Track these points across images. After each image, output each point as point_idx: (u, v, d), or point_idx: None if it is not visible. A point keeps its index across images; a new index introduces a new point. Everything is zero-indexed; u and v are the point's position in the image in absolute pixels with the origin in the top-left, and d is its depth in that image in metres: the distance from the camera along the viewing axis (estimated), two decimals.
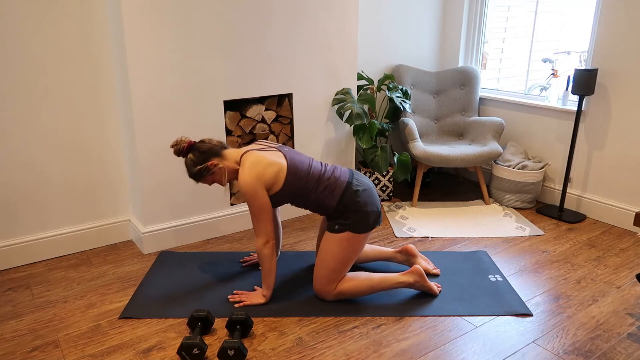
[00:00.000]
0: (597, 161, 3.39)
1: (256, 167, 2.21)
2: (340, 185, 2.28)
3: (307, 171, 2.29)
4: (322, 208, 2.32)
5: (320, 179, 2.29)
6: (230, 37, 2.88)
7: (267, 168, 2.22)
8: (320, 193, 2.28)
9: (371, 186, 2.36)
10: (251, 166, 2.21)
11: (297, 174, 2.26)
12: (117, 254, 2.93)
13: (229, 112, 3.03)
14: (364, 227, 2.28)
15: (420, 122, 3.93)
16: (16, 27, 2.52)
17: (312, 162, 2.36)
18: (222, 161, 2.31)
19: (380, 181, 3.70)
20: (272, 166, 2.23)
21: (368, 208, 2.27)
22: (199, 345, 1.95)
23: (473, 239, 3.12)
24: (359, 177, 2.36)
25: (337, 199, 2.27)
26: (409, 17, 4.02)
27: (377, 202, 2.33)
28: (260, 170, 2.21)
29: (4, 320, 2.28)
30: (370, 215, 2.28)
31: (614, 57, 3.18)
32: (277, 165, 2.24)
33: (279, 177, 2.23)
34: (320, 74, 3.30)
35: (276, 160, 2.26)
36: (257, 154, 2.26)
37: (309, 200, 2.31)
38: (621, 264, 2.81)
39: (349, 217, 2.27)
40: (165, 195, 2.90)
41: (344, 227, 2.27)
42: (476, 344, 2.11)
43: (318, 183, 2.28)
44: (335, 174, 2.32)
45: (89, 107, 2.81)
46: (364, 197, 2.28)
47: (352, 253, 2.31)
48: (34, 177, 2.74)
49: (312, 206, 2.33)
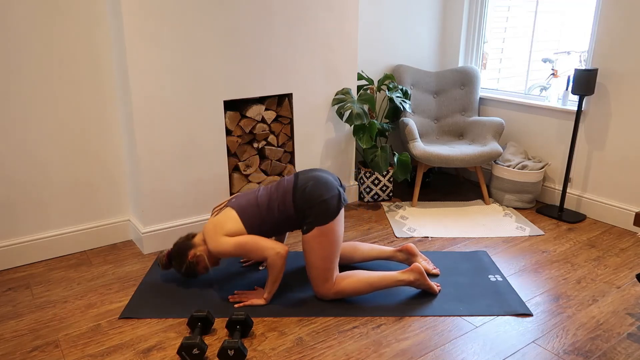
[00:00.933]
0: (597, 161, 3.39)
1: (216, 233, 2.33)
2: (288, 192, 2.34)
3: (255, 204, 2.37)
4: (289, 223, 2.37)
5: (269, 202, 2.36)
6: (230, 37, 2.88)
7: (223, 227, 2.33)
8: (278, 212, 2.34)
9: (320, 176, 2.37)
10: (212, 236, 2.34)
11: (248, 212, 2.35)
12: (117, 254, 2.93)
13: (229, 112, 3.03)
14: (328, 216, 2.29)
15: (420, 122, 3.93)
16: (16, 27, 2.52)
17: (259, 192, 2.44)
18: (196, 249, 2.44)
19: (380, 181, 3.70)
20: (225, 223, 2.34)
21: (323, 197, 2.29)
22: (199, 345, 1.95)
23: (473, 239, 3.13)
24: (303, 175, 2.39)
25: (291, 205, 2.33)
26: (409, 17, 4.02)
27: (330, 187, 2.33)
28: (220, 232, 2.33)
29: (4, 320, 2.28)
30: (329, 202, 2.29)
31: (614, 57, 3.18)
32: (230, 219, 2.35)
33: (238, 225, 2.34)
34: (320, 74, 3.30)
35: (227, 214, 2.37)
36: (209, 225, 2.38)
37: (277, 224, 2.37)
38: (621, 264, 2.81)
39: (310, 213, 2.30)
40: (165, 195, 2.90)
41: (310, 225, 2.30)
42: (476, 344, 2.11)
43: (270, 206, 2.35)
44: (280, 187, 2.39)
45: (89, 107, 2.81)
46: (314, 189, 2.30)
47: (331, 245, 2.31)
48: (34, 177, 2.74)
49: (283, 227, 2.39)
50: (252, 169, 3.21)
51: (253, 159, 3.20)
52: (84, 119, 2.81)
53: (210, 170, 3.02)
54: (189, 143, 2.90)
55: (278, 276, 2.33)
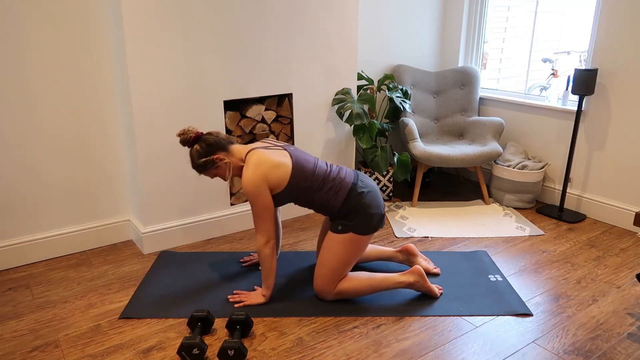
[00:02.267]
0: (597, 161, 3.39)
1: (260, 166, 2.20)
2: (345, 186, 2.28)
3: (312, 171, 2.29)
4: (326, 208, 2.32)
5: (325, 179, 2.29)
6: (230, 37, 2.88)
7: (271, 168, 2.21)
8: (325, 193, 2.28)
9: (375, 188, 2.36)
10: (255, 165, 2.20)
11: (302, 173, 2.26)
12: (117, 254, 2.93)
13: (229, 112, 3.03)
14: (367, 229, 2.29)
15: (420, 122, 3.93)
16: (16, 28, 2.52)
17: (318, 162, 2.36)
18: (228, 156, 2.30)
19: (380, 181, 3.70)
20: (276, 166, 2.22)
21: (372, 210, 2.27)
22: (199, 345, 1.95)
23: (473, 239, 3.12)
24: (364, 179, 2.36)
25: (342, 199, 2.27)
26: (409, 17, 4.02)
27: (381, 204, 2.33)
28: (264, 170, 2.20)
29: (4, 320, 2.28)
30: (374, 217, 2.28)
31: (614, 57, 3.18)
32: (282, 165, 2.23)
33: (283, 177, 2.23)
34: (320, 74, 3.30)
35: (281, 159, 2.25)
36: (262, 152, 2.25)
37: (313, 200, 2.31)
38: (621, 264, 2.81)
39: (353, 218, 2.27)
40: (166, 195, 2.90)
41: (347, 228, 2.27)
42: (476, 344, 2.11)
43: (323, 183, 2.28)
44: (341, 174, 2.32)
45: (89, 107, 2.81)
46: (369, 199, 2.28)
47: (354, 254, 2.31)
48: (34, 177, 2.74)
49: (316, 206, 2.33)
50: None
51: None
52: (84, 118, 2.81)
53: None
54: None
55: (270, 267, 2.30)
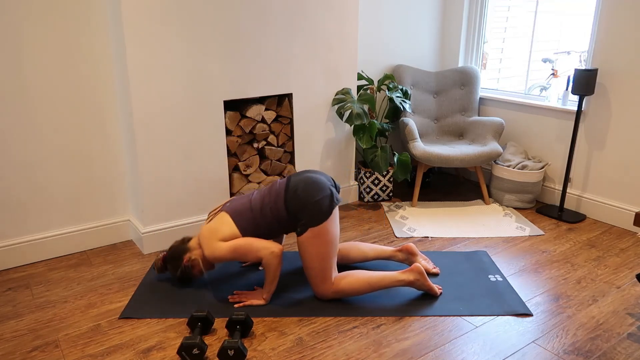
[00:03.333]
0: (597, 161, 3.39)
1: (210, 238, 2.34)
2: (280, 196, 2.34)
3: (249, 208, 2.37)
4: (282, 225, 2.37)
5: (262, 205, 2.37)
6: (230, 37, 2.88)
7: (217, 233, 2.34)
8: (271, 215, 2.35)
9: (311, 177, 2.37)
10: (207, 241, 2.34)
11: (243, 216, 2.36)
12: (117, 254, 2.93)
13: (229, 112, 3.03)
14: (320, 217, 2.29)
15: (420, 122, 3.93)
16: (16, 28, 2.52)
17: (253, 195, 2.44)
18: (191, 253, 2.45)
19: (380, 181, 3.70)
20: (218, 229, 2.34)
21: (315, 198, 2.29)
22: (199, 345, 1.95)
23: (473, 239, 3.12)
24: (294, 178, 2.39)
25: (284, 208, 2.33)
26: (409, 17, 4.02)
27: (321, 187, 2.32)
28: (214, 238, 2.33)
29: (4, 320, 2.28)
30: (321, 203, 2.29)
31: (614, 57, 3.18)
32: (224, 223, 2.36)
33: (232, 230, 2.34)
34: (320, 74, 3.30)
35: (221, 219, 2.38)
36: (204, 228, 2.39)
37: (269, 227, 2.37)
38: (621, 264, 2.81)
39: (302, 216, 2.30)
40: (165, 195, 2.90)
41: (303, 227, 2.30)
42: (476, 344, 2.11)
43: (263, 210, 2.36)
44: (272, 191, 2.39)
45: (89, 107, 2.81)
46: (305, 191, 2.30)
47: (326, 245, 2.31)
48: (34, 177, 2.74)
49: (276, 229, 2.39)
50: (252, 169, 3.21)
51: (253, 159, 3.20)
52: (84, 118, 2.81)
53: (210, 170, 3.02)
54: (189, 143, 2.90)
55: (275, 275, 2.33)
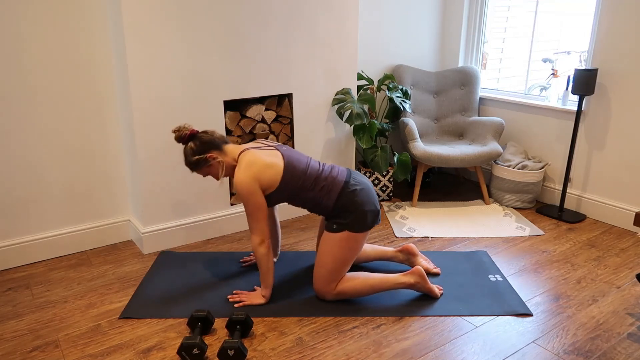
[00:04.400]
0: (597, 161, 3.39)
1: (252, 166, 2.21)
2: (338, 184, 2.28)
3: (304, 171, 2.29)
4: (320, 207, 2.32)
5: (317, 178, 2.29)
6: (230, 37, 2.88)
7: (263, 168, 2.22)
8: (318, 192, 2.28)
9: (369, 185, 2.36)
10: (247, 165, 2.21)
11: (294, 173, 2.26)
12: (117, 254, 2.93)
13: (229, 112, 3.03)
14: (362, 227, 2.28)
15: (420, 122, 3.93)
16: (15, 28, 2.52)
17: (310, 161, 2.36)
18: (222, 155, 2.31)
19: (380, 181, 3.70)
20: (268, 167, 2.23)
21: (366, 207, 2.27)
22: (199, 345, 1.95)
23: (473, 239, 3.12)
24: (356, 177, 2.36)
25: (335, 198, 2.27)
26: (409, 17, 4.02)
27: (375, 201, 2.33)
28: (256, 170, 2.21)
29: (4, 320, 2.28)
30: (368, 215, 2.28)
31: (614, 57, 3.18)
32: (274, 165, 2.24)
33: (275, 177, 2.23)
34: (320, 74, 3.30)
35: (273, 160, 2.26)
36: (255, 153, 2.26)
37: (306, 200, 2.31)
38: (621, 264, 2.81)
39: (347, 216, 2.27)
40: (165, 195, 2.90)
41: (342, 227, 2.27)
42: (476, 344, 2.11)
43: (315, 183, 2.28)
44: (333, 173, 2.32)
45: (89, 107, 2.81)
46: (362, 196, 2.28)
47: (350, 252, 2.31)
48: (34, 177, 2.74)
49: (310, 205, 2.33)
50: None
51: None
52: (83, 118, 2.81)
53: None
54: None
55: (267, 267, 2.30)
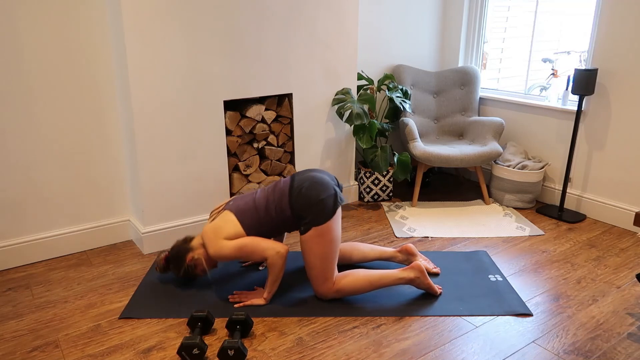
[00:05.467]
0: (597, 161, 3.39)
1: (215, 237, 2.34)
2: (285, 194, 2.35)
3: (253, 207, 2.38)
4: (287, 223, 2.38)
5: (267, 204, 2.37)
6: (230, 37, 2.88)
7: (221, 231, 2.34)
8: (275, 214, 2.35)
9: (316, 176, 2.37)
10: (210, 241, 2.34)
11: (246, 215, 2.36)
12: (117, 254, 2.93)
13: (229, 112, 3.03)
14: (324, 216, 2.30)
15: (420, 122, 3.93)
16: (15, 29, 2.52)
17: (256, 194, 2.44)
18: (194, 252, 2.44)
19: (380, 181, 3.70)
20: (224, 227, 2.34)
21: (319, 197, 2.29)
22: (199, 345, 1.95)
23: (473, 239, 3.12)
24: (298, 177, 2.40)
25: (288, 208, 2.33)
26: (409, 17, 4.02)
27: (326, 187, 2.33)
28: (219, 236, 2.33)
29: (4, 320, 2.28)
30: (325, 202, 2.30)
31: (614, 57, 3.18)
32: (228, 221, 2.36)
33: (237, 229, 2.34)
34: (320, 74, 3.30)
35: (225, 219, 2.38)
36: (207, 227, 2.39)
37: (274, 226, 2.38)
38: (621, 264, 2.81)
39: (306, 214, 2.30)
40: (165, 195, 2.90)
41: (307, 226, 2.30)
42: (476, 344, 2.12)
43: (267, 208, 2.36)
44: (277, 189, 2.40)
45: (89, 107, 2.81)
46: (310, 190, 2.30)
47: (329, 245, 2.31)
48: (34, 177, 2.74)
49: (282, 228, 2.40)
50: (252, 169, 3.21)
51: (253, 159, 3.20)
52: (83, 118, 2.81)
53: (210, 170, 3.02)
54: (189, 143, 2.90)
55: (278, 276, 2.33)
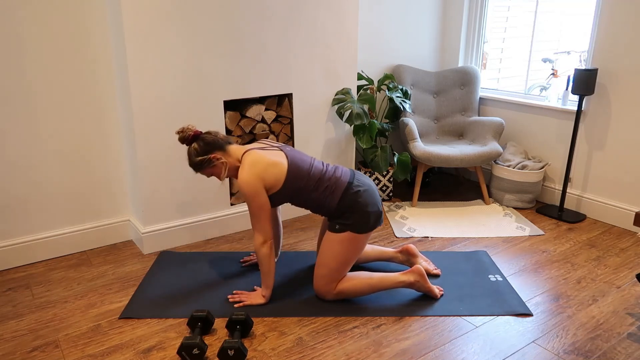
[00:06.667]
0: (597, 161, 3.39)
1: (256, 166, 2.21)
2: (341, 185, 2.28)
3: (307, 171, 2.29)
4: (323, 208, 2.31)
5: (321, 179, 2.29)
6: (230, 37, 2.88)
7: (267, 168, 2.22)
8: (321, 193, 2.28)
9: (372, 186, 2.36)
10: (251, 165, 2.21)
11: (298, 173, 2.26)
12: (117, 254, 2.93)
13: (229, 112, 3.03)
14: (364, 228, 2.28)
15: (420, 122, 3.93)
16: (15, 29, 2.52)
17: (314, 162, 2.35)
18: (225, 156, 2.30)
19: (380, 181, 3.70)
20: (272, 166, 2.23)
21: (369, 208, 2.27)
22: (199, 345, 1.95)
23: (473, 239, 3.12)
24: (360, 177, 2.36)
25: (338, 199, 2.27)
26: (409, 17, 4.02)
27: (378, 202, 2.33)
28: (260, 169, 2.21)
29: (4, 320, 2.28)
30: (371, 216, 2.28)
31: (614, 57, 3.18)
32: (278, 164, 2.24)
33: (279, 177, 2.23)
34: (320, 74, 3.30)
35: (277, 159, 2.26)
36: (258, 153, 2.26)
37: (310, 200, 2.31)
38: (621, 264, 2.81)
39: (350, 217, 2.27)
40: (165, 195, 2.90)
41: (344, 227, 2.27)
42: (476, 344, 2.12)
43: (319, 183, 2.28)
44: (337, 174, 2.32)
45: (89, 107, 2.81)
46: (365, 197, 2.28)
47: (352, 253, 2.31)
48: (34, 177, 2.74)
49: (313, 206, 2.33)
50: None
51: None
52: (84, 118, 2.81)
53: None
54: None
55: (269, 268, 2.30)
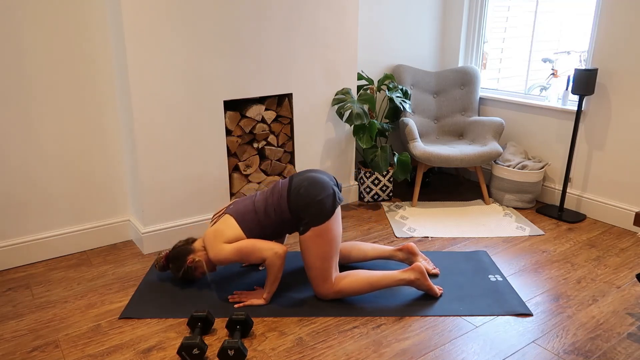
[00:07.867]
0: (597, 161, 3.39)
1: (215, 239, 2.36)
2: (283, 196, 2.36)
3: (253, 210, 2.39)
4: (287, 225, 2.38)
5: (266, 206, 2.38)
6: (230, 37, 2.88)
7: (223, 232, 2.35)
8: (274, 216, 2.36)
9: (313, 176, 2.37)
10: (212, 243, 2.36)
11: (247, 218, 2.37)
12: (117, 254, 2.93)
13: (229, 112, 3.03)
14: (323, 216, 2.30)
15: (420, 122, 3.93)
16: (16, 29, 2.52)
17: (256, 197, 2.45)
18: (195, 254, 2.46)
19: (380, 181, 3.70)
20: (225, 229, 2.36)
21: (318, 197, 2.29)
22: (199, 345, 1.95)
23: (473, 239, 3.12)
24: (297, 177, 2.40)
25: (287, 208, 2.34)
26: (409, 17, 4.02)
27: (324, 187, 2.33)
28: (219, 239, 2.34)
29: (4, 320, 2.28)
30: (324, 202, 2.30)
31: (614, 57, 3.18)
32: (228, 224, 2.37)
33: (237, 232, 2.35)
34: (320, 74, 3.30)
35: (225, 222, 2.38)
36: (209, 230, 2.42)
37: (274, 228, 2.39)
38: (621, 264, 2.81)
39: (306, 215, 2.30)
40: (165, 195, 2.90)
41: (306, 226, 2.31)
42: (476, 344, 2.12)
43: (266, 211, 2.37)
44: (275, 190, 2.41)
45: (89, 107, 2.81)
46: (308, 190, 2.31)
47: (328, 245, 2.31)
48: (34, 177, 2.74)
49: (280, 229, 2.40)
50: (252, 169, 3.21)
51: (253, 159, 3.20)
52: (83, 118, 2.81)
53: (210, 170, 3.02)
54: (189, 143, 2.90)
55: (277, 276, 2.33)
